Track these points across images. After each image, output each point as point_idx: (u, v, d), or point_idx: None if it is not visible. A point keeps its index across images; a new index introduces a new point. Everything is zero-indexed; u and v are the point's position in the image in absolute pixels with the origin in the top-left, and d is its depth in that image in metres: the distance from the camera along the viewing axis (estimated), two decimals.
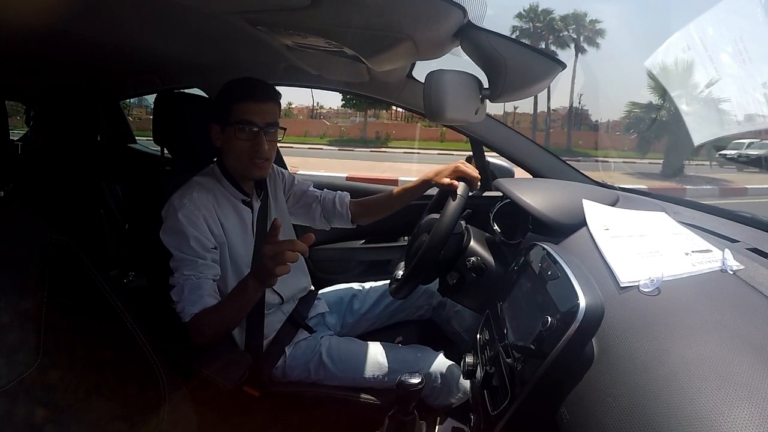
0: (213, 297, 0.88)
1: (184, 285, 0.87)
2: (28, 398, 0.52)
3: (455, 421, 0.92)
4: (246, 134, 0.92)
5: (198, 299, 0.86)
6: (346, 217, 1.19)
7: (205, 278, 0.88)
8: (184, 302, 0.86)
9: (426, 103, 0.72)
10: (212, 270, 0.90)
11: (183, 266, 0.88)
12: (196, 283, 0.87)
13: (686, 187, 7.24)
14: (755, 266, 0.57)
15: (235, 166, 0.97)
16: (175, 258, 0.89)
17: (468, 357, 0.79)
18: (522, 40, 0.81)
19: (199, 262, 0.88)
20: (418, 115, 1.46)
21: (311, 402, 1.00)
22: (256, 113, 0.91)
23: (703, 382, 0.41)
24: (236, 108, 0.91)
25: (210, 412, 0.76)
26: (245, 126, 0.91)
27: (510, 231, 1.04)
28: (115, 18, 0.84)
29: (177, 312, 0.86)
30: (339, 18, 0.68)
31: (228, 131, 0.93)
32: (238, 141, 0.92)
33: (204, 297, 0.86)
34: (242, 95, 0.92)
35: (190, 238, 0.88)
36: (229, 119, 0.92)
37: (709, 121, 0.96)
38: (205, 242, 0.90)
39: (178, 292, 0.87)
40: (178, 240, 0.89)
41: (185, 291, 0.86)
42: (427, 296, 1.23)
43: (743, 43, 0.78)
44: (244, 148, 0.93)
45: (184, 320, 0.85)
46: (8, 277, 0.55)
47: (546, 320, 0.57)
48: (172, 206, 0.90)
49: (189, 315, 0.85)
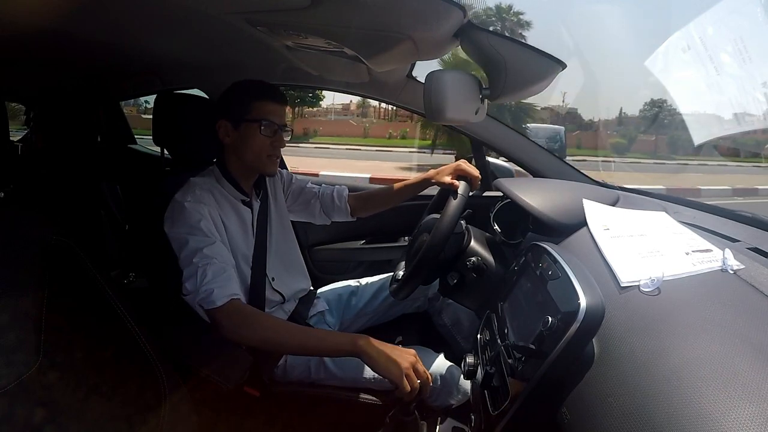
0: (239, 285, 0.84)
1: (206, 269, 0.79)
2: (27, 398, 0.52)
3: (456, 422, 0.92)
4: (269, 131, 0.95)
5: (227, 282, 0.79)
6: (345, 211, 1.20)
7: (227, 264, 0.83)
8: (210, 284, 0.77)
9: (426, 103, 0.72)
10: (227, 255, 0.87)
11: (200, 248, 0.82)
12: (219, 267, 0.81)
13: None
14: (756, 266, 0.57)
15: (251, 161, 0.98)
16: (188, 246, 0.83)
17: (469, 357, 0.79)
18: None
19: (216, 243, 0.85)
20: (418, 113, 1.46)
21: (311, 402, 1.00)
22: (276, 113, 0.96)
23: (703, 382, 0.41)
24: (257, 105, 0.94)
25: (210, 412, 0.76)
26: (270, 124, 0.94)
27: (510, 231, 1.04)
28: (115, 19, 0.84)
29: (197, 300, 0.78)
30: (339, 18, 0.68)
31: (245, 127, 0.95)
32: (261, 137, 0.95)
33: (233, 281, 0.81)
34: (263, 95, 0.95)
35: (201, 222, 0.86)
36: (247, 116, 0.94)
37: (709, 121, 0.95)
38: (213, 230, 0.88)
39: (198, 279, 0.78)
40: (189, 226, 0.85)
41: (209, 274, 0.78)
42: (423, 288, 1.22)
43: (743, 43, 0.78)
44: (265, 144, 0.96)
45: (212, 305, 0.76)
46: (8, 277, 0.55)
47: (546, 320, 0.57)
48: (177, 202, 0.89)
49: (223, 297, 0.77)
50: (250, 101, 0.94)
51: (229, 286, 0.80)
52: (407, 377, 0.71)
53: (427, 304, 1.26)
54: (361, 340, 0.74)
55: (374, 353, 0.72)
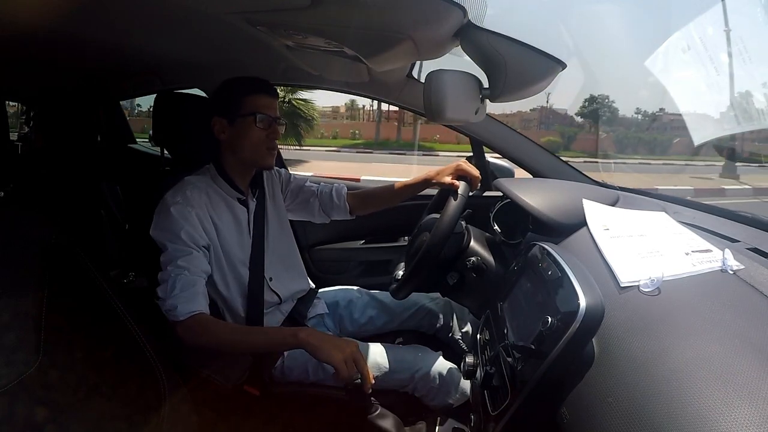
0: (205, 298, 0.87)
1: (176, 280, 0.83)
2: (28, 398, 0.52)
3: (455, 422, 0.92)
4: (264, 123, 0.96)
5: (193, 297, 0.83)
6: (344, 209, 1.20)
7: (198, 276, 0.86)
8: (176, 299, 0.82)
9: (426, 103, 0.72)
10: (203, 264, 0.89)
11: (175, 257, 0.85)
12: (189, 280, 0.84)
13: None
14: (755, 266, 0.57)
15: (248, 155, 0.98)
16: (167, 252, 0.86)
17: (468, 357, 0.79)
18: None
19: (193, 254, 0.87)
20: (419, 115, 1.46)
21: (311, 402, 1.00)
22: (269, 107, 0.97)
23: (703, 382, 0.41)
24: (249, 100, 0.95)
25: (210, 411, 0.76)
26: (265, 117, 0.95)
27: (510, 231, 1.04)
28: (115, 19, 0.84)
29: (164, 309, 0.82)
30: (339, 18, 0.68)
31: (240, 122, 0.95)
32: (257, 130, 0.95)
33: (198, 296, 0.84)
34: (254, 89, 0.96)
35: (182, 230, 0.88)
36: (241, 111, 0.95)
37: (708, 121, 0.96)
38: (197, 238, 0.90)
39: (168, 288, 0.83)
40: (170, 233, 0.87)
41: (177, 287, 0.82)
42: (430, 317, 1.20)
43: (743, 43, 0.78)
44: (261, 137, 0.96)
45: (175, 318, 0.81)
46: (8, 277, 0.55)
47: (546, 320, 0.57)
48: (165, 203, 0.91)
49: (185, 313, 0.81)
50: (242, 96, 0.95)
51: (194, 301, 0.83)
52: (346, 362, 0.76)
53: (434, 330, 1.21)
54: (302, 333, 0.79)
55: (316, 342, 0.77)
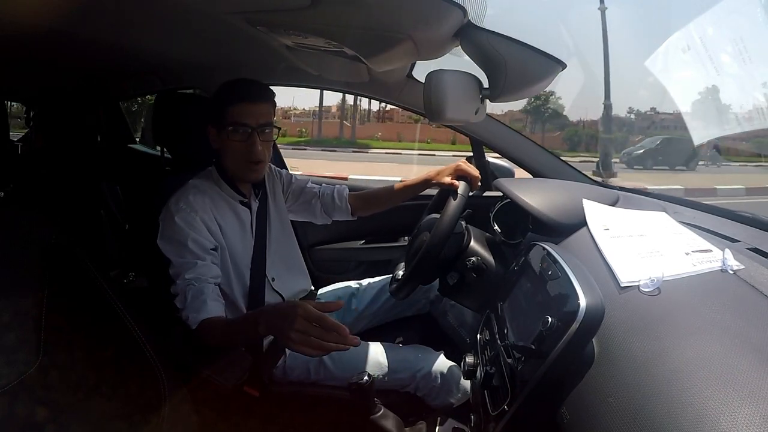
0: (216, 301, 0.88)
1: (186, 291, 0.85)
2: (28, 398, 0.52)
3: (456, 422, 0.92)
4: (240, 135, 0.93)
5: (201, 305, 0.85)
6: (346, 210, 1.20)
7: (206, 282, 0.87)
8: (188, 310, 0.84)
9: (426, 103, 0.72)
10: (212, 271, 0.90)
11: (183, 271, 0.87)
12: (198, 288, 0.86)
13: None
14: (755, 266, 0.57)
15: (231, 168, 0.98)
16: (174, 264, 0.88)
17: (468, 357, 0.79)
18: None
19: (199, 264, 0.88)
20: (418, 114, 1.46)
21: (311, 402, 1.00)
22: (249, 114, 0.92)
23: (703, 382, 0.41)
24: (230, 111, 0.92)
25: (210, 412, 0.76)
26: (239, 128, 0.92)
27: (510, 231, 1.04)
28: (115, 18, 0.84)
29: (183, 320, 0.85)
30: (339, 18, 0.68)
31: (223, 134, 0.94)
32: (233, 143, 0.93)
33: (207, 302, 0.85)
34: (235, 97, 0.93)
35: (188, 240, 0.88)
36: (224, 122, 0.93)
37: (708, 121, 0.96)
38: (204, 243, 0.90)
39: (181, 299, 0.86)
40: (177, 245, 0.88)
41: (188, 298, 0.85)
42: (424, 290, 1.22)
43: (743, 43, 0.78)
44: (239, 150, 0.94)
45: (191, 328, 0.84)
46: (8, 277, 0.55)
47: (546, 320, 0.57)
48: (169, 211, 0.91)
49: (196, 322, 0.84)
50: (223, 107, 0.93)
51: (202, 310, 0.84)
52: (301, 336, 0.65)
53: (429, 306, 1.26)
54: (260, 326, 0.73)
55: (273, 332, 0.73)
